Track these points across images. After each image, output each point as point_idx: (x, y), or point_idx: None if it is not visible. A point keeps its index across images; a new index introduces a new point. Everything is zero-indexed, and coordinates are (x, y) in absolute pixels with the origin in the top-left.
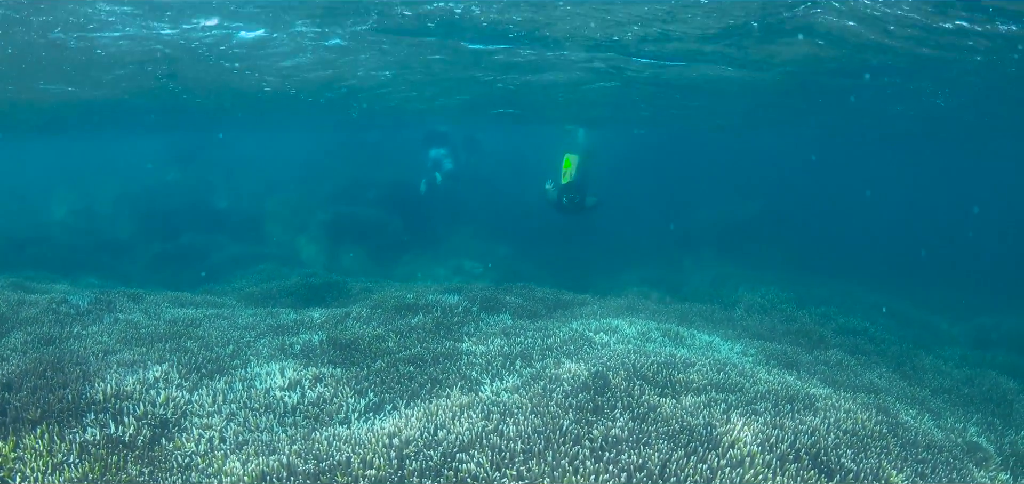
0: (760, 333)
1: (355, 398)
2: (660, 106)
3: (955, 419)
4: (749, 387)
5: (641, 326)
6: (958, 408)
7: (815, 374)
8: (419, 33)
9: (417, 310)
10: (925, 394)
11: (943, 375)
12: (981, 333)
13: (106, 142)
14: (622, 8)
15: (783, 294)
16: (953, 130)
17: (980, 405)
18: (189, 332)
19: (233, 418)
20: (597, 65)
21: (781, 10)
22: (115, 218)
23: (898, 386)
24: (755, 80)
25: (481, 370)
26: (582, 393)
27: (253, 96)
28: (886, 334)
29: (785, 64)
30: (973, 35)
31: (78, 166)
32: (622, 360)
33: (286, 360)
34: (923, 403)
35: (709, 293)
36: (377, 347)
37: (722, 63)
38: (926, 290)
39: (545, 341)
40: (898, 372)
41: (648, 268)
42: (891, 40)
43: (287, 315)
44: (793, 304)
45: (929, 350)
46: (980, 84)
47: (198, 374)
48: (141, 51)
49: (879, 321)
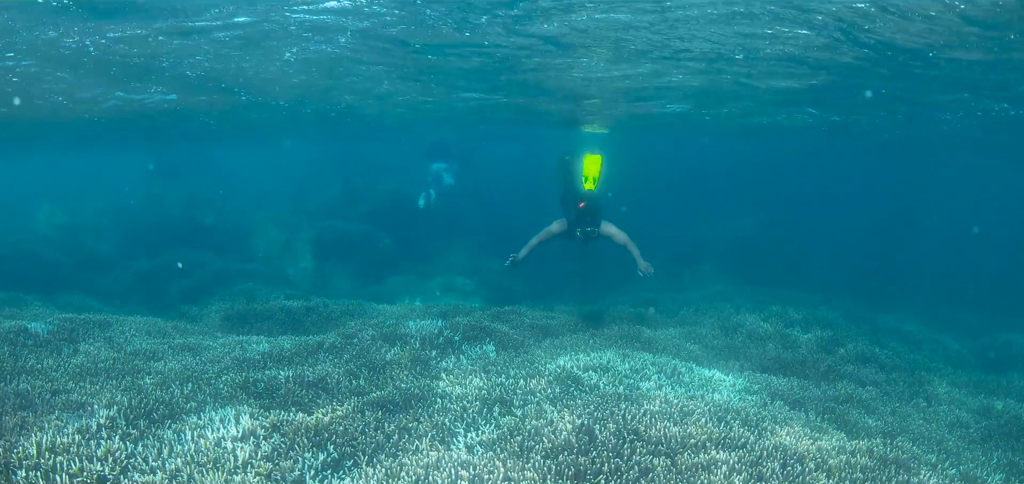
0: (764, 364)
1: (313, 452)
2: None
3: (975, 464)
4: (754, 443)
5: (636, 361)
6: (977, 446)
7: (824, 414)
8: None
9: (395, 340)
10: (942, 432)
11: (959, 406)
12: (992, 353)
13: (91, 157)
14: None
15: (787, 317)
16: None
17: (1000, 441)
18: (149, 367)
19: (176, 475)
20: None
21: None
22: (99, 233)
23: (914, 423)
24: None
25: (455, 417)
26: (564, 453)
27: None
28: (896, 359)
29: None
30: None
31: (63, 181)
32: (611, 408)
33: (245, 403)
34: (940, 443)
35: (710, 314)
36: (346, 386)
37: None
38: (933, 306)
39: (528, 383)
40: (911, 404)
41: (647, 284)
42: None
43: (257, 345)
44: (798, 327)
45: (942, 376)
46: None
47: (147, 420)
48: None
49: (888, 345)
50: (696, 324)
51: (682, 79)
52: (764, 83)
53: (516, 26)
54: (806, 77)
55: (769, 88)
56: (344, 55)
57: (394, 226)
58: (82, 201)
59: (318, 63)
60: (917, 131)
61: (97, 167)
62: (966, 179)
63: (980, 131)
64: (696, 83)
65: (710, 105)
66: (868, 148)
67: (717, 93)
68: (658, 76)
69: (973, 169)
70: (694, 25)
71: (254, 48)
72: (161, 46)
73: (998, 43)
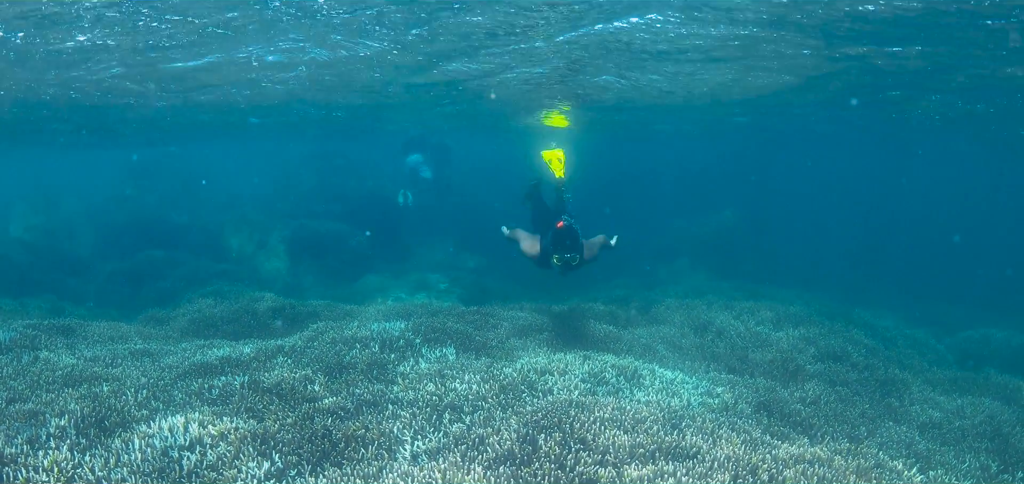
0: (732, 364)
1: (257, 462)
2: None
3: (946, 469)
4: (706, 452)
5: (596, 363)
6: (950, 448)
7: (789, 418)
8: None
9: (355, 344)
10: (913, 434)
11: (932, 406)
12: (969, 348)
13: (66, 155)
14: None
15: (759, 314)
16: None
17: (974, 442)
18: (107, 373)
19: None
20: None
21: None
22: (73, 235)
23: (884, 426)
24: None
25: (404, 424)
26: (506, 463)
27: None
28: (869, 357)
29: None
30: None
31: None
32: (561, 415)
33: (197, 409)
34: (910, 447)
35: (681, 312)
36: (301, 391)
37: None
38: (910, 301)
39: (482, 387)
40: (883, 404)
41: (620, 281)
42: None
43: (218, 349)
44: (770, 325)
45: (916, 373)
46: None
47: (98, 429)
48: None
49: (861, 342)
50: (666, 322)
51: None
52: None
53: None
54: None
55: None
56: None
57: (369, 224)
58: (56, 202)
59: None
60: (889, 122)
61: (72, 167)
62: (944, 173)
63: (956, 124)
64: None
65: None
66: (846, 141)
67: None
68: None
69: (950, 163)
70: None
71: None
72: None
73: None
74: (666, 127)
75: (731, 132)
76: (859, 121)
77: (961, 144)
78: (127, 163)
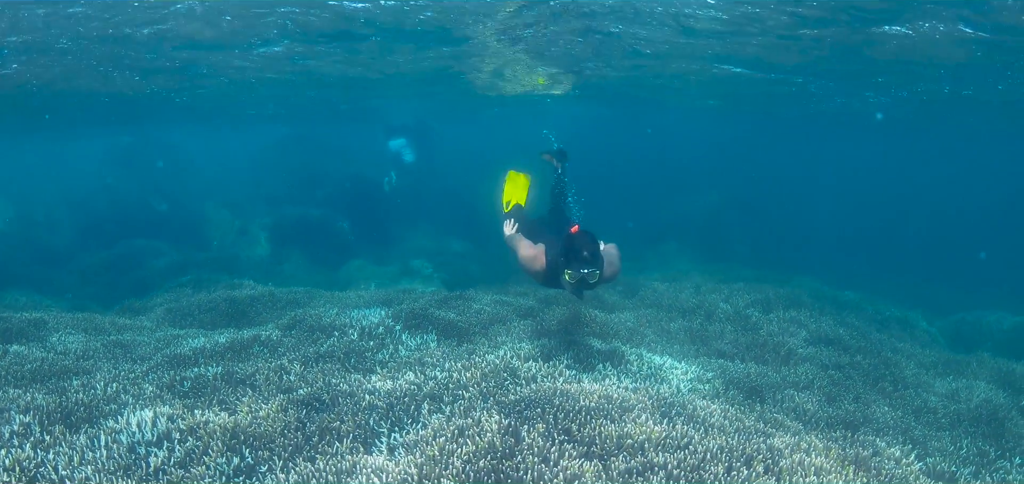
0: (722, 348)
1: (227, 458)
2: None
3: (943, 455)
4: (698, 442)
5: (582, 349)
6: (946, 433)
7: (782, 404)
8: None
9: (333, 331)
10: (908, 419)
11: (927, 389)
12: (962, 330)
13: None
14: None
15: (748, 297)
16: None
17: (969, 427)
18: (78, 366)
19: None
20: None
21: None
22: (53, 226)
23: (878, 411)
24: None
25: (381, 416)
26: (486, 457)
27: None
28: (862, 340)
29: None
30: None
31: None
32: (544, 405)
33: (169, 403)
34: (906, 432)
35: (669, 296)
36: (276, 382)
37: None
38: (903, 284)
39: (465, 374)
40: (877, 388)
41: None
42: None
43: (194, 340)
44: (760, 308)
45: (909, 357)
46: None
47: (64, 425)
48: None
49: (853, 325)
50: (654, 306)
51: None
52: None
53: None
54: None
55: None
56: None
57: (353, 210)
58: (36, 193)
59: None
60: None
61: (52, 157)
62: (936, 156)
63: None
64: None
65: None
66: (835, 123)
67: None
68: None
69: (942, 148)
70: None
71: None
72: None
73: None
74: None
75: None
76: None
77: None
78: (108, 151)
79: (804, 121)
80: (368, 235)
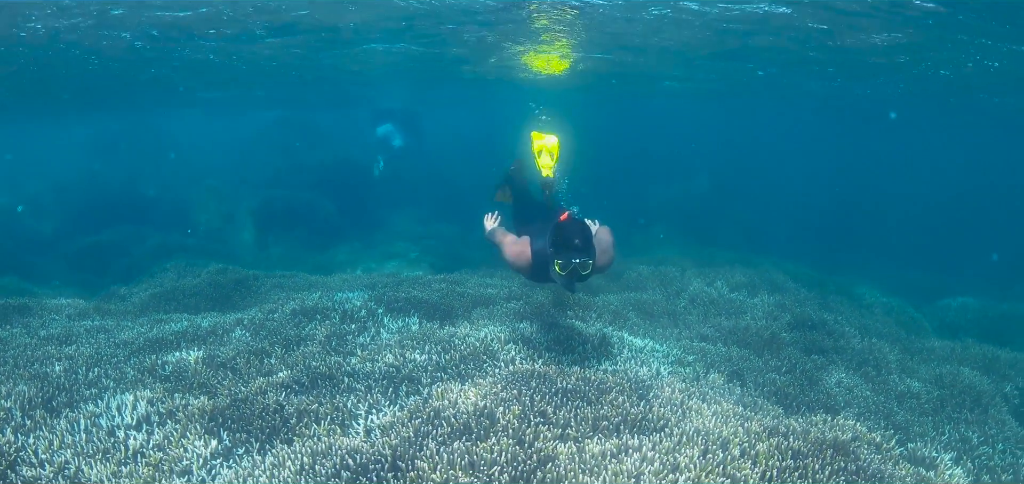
0: (704, 332)
1: (204, 440)
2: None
3: (925, 440)
4: (675, 425)
5: (562, 331)
6: (928, 418)
7: (763, 388)
8: None
9: (315, 315)
10: (891, 404)
11: (910, 375)
12: (947, 316)
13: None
14: None
15: (733, 281)
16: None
17: (952, 413)
18: (61, 352)
19: (64, 469)
20: None
21: None
22: (39, 212)
23: (860, 395)
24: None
25: (360, 397)
26: (461, 439)
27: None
28: (846, 325)
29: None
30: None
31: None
32: (521, 387)
33: (148, 387)
34: (889, 418)
35: (654, 279)
36: (256, 366)
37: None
38: (888, 270)
39: (444, 356)
40: (859, 373)
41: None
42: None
43: (176, 324)
44: (745, 292)
45: (893, 342)
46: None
47: (45, 409)
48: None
49: (838, 310)
50: (638, 289)
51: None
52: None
53: None
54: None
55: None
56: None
57: (340, 194)
58: (22, 179)
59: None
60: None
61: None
62: (923, 141)
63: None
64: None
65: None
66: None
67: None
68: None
69: (931, 131)
70: None
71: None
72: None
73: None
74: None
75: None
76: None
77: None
78: (95, 137)
79: (791, 108)
80: (355, 219)
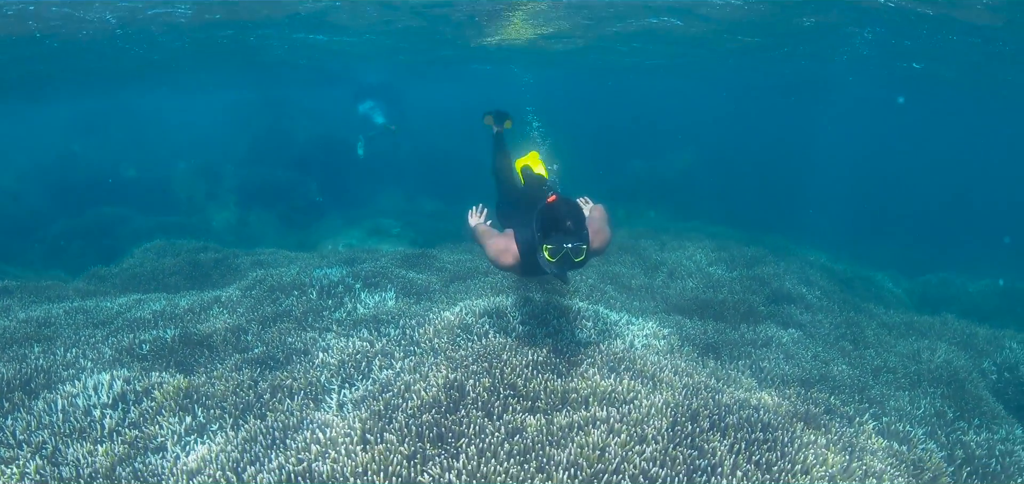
0: (681, 304)
1: (179, 417)
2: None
3: (899, 414)
4: (644, 397)
5: (537, 306)
6: (904, 393)
7: (737, 361)
8: None
9: (293, 290)
10: (867, 379)
11: (887, 349)
12: (928, 291)
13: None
14: None
15: (713, 254)
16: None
17: (928, 388)
18: (40, 334)
19: (41, 449)
20: None
21: None
22: (19, 195)
23: (836, 369)
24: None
25: (333, 373)
26: (430, 411)
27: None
28: (825, 299)
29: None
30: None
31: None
32: (492, 360)
33: (125, 366)
34: (863, 391)
35: (633, 252)
36: (233, 342)
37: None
38: (870, 244)
39: (417, 331)
40: (837, 348)
41: None
42: None
43: (154, 303)
44: (723, 266)
45: (872, 316)
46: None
47: (23, 391)
48: None
49: (817, 284)
50: (616, 263)
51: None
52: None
53: None
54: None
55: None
56: None
57: (322, 171)
58: (1, 163)
59: None
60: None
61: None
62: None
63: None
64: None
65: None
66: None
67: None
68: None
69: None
70: None
71: None
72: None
73: None
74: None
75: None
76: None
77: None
78: (74, 118)
79: (779, 82)
80: (338, 196)
